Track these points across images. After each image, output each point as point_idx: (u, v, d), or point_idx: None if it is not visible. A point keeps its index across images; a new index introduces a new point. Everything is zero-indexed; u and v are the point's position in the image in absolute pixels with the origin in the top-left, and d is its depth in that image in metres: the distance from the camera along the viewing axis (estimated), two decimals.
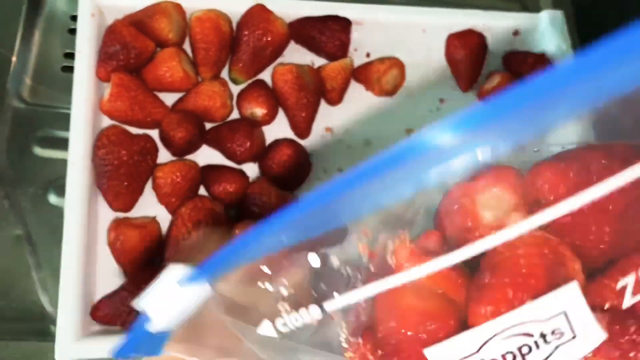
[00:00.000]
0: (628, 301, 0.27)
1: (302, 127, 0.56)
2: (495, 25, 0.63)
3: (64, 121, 0.53)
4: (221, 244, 0.26)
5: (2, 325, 0.51)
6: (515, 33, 0.64)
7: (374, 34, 0.60)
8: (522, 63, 0.61)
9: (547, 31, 0.63)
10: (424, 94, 0.62)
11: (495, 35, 0.63)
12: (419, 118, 0.60)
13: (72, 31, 0.60)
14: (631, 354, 0.27)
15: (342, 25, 0.57)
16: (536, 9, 0.68)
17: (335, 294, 0.28)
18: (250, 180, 0.53)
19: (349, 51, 0.60)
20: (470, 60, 0.60)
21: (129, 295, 0.45)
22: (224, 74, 0.57)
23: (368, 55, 0.61)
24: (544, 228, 0.28)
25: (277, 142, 0.54)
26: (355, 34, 0.60)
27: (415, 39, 0.62)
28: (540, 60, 0.61)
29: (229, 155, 0.53)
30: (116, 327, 0.47)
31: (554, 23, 0.63)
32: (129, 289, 0.46)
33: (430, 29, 0.62)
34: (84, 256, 0.47)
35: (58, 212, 0.53)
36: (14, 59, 0.58)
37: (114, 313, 0.46)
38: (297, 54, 0.59)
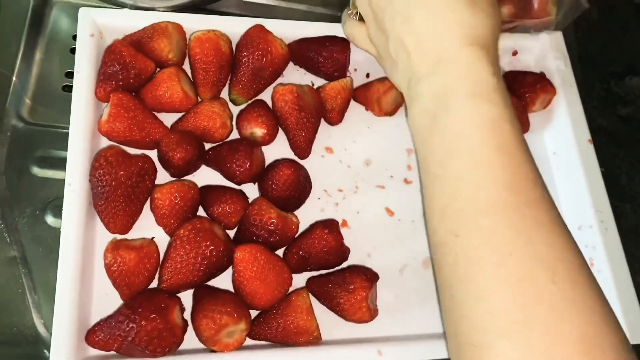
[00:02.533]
0: None
1: (302, 147, 0.55)
2: None
3: (63, 141, 0.53)
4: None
5: None
6: (515, 53, 0.64)
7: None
8: (521, 83, 0.61)
9: (546, 51, 0.63)
10: None
11: None
12: None
13: (74, 50, 0.59)
14: None
15: (341, 46, 0.57)
16: None
17: None
18: (250, 201, 0.53)
19: (348, 72, 0.60)
20: None
21: (125, 320, 0.44)
22: (224, 94, 0.57)
23: (368, 75, 0.61)
24: None
25: (277, 163, 0.53)
26: (355, 55, 0.60)
27: None
28: (540, 80, 0.61)
29: (228, 176, 0.53)
30: (111, 352, 0.45)
31: (553, 43, 0.63)
32: (125, 313, 0.45)
33: None
34: (79, 279, 0.46)
35: (55, 233, 0.53)
36: (14, 78, 0.58)
37: (109, 338, 0.45)
38: (296, 74, 0.60)
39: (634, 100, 0.70)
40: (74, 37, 0.60)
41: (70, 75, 0.59)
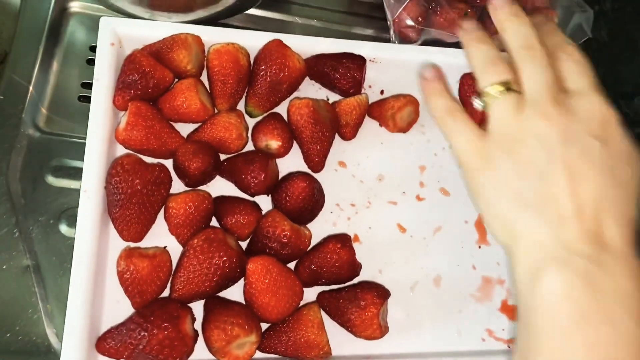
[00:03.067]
0: None
1: (316, 160, 0.55)
2: None
3: (78, 151, 0.54)
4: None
5: (7, 358, 0.49)
6: None
7: (389, 71, 0.61)
8: None
9: None
10: (437, 131, 0.62)
11: None
12: (432, 155, 0.60)
13: (90, 62, 0.61)
14: None
15: (357, 63, 0.58)
16: None
17: None
18: (263, 212, 0.53)
19: (363, 88, 0.60)
20: None
21: (137, 328, 0.44)
22: (240, 106, 0.57)
23: (382, 92, 0.61)
24: None
25: (291, 175, 0.53)
26: (370, 72, 0.60)
27: None
28: None
29: (242, 187, 0.53)
30: None
31: None
32: (137, 321, 0.44)
33: (444, 68, 0.62)
34: (92, 284, 0.46)
35: (68, 243, 0.53)
36: (31, 88, 0.58)
37: (120, 346, 0.44)
38: (311, 89, 0.60)
39: None
40: (91, 49, 0.61)
41: (86, 85, 0.60)
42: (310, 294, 0.52)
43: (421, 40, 0.64)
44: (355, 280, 0.53)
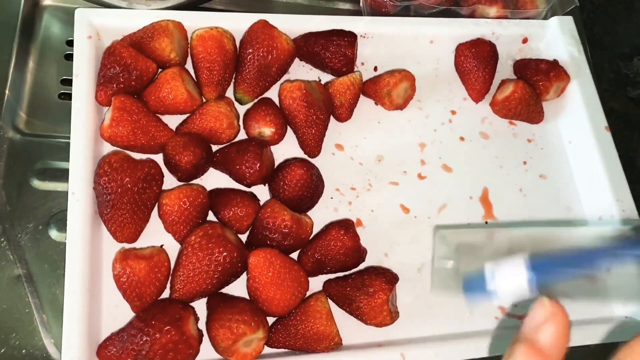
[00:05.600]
0: None
1: (312, 145, 0.53)
2: (504, 33, 0.61)
3: (63, 151, 0.52)
4: None
5: None
6: (525, 40, 0.63)
7: (381, 47, 0.59)
8: (534, 71, 0.59)
9: (556, 37, 0.62)
10: (435, 106, 0.60)
11: (504, 44, 0.62)
12: (431, 131, 0.58)
13: (68, 57, 0.58)
14: None
15: (348, 39, 0.55)
16: None
17: None
18: (261, 203, 0.51)
19: (355, 66, 0.58)
20: (481, 70, 0.58)
21: (138, 333, 0.42)
22: (229, 93, 0.55)
23: (376, 69, 0.59)
24: None
25: (287, 162, 0.51)
26: (361, 48, 0.58)
27: (423, 50, 0.61)
28: (554, 67, 0.59)
29: (237, 178, 0.51)
30: None
31: (563, 29, 0.62)
32: (138, 326, 0.42)
33: (438, 39, 0.61)
34: (88, 291, 0.44)
35: (60, 248, 0.51)
36: (7, 91, 0.55)
37: (122, 352, 0.43)
38: (302, 71, 0.58)
39: None
40: (68, 43, 0.59)
41: (66, 82, 0.57)
42: (316, 283, 0.50)
43: (397, 10, 0.61)
44: (362, 266, 0.51)
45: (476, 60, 0.58)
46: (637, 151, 0.64)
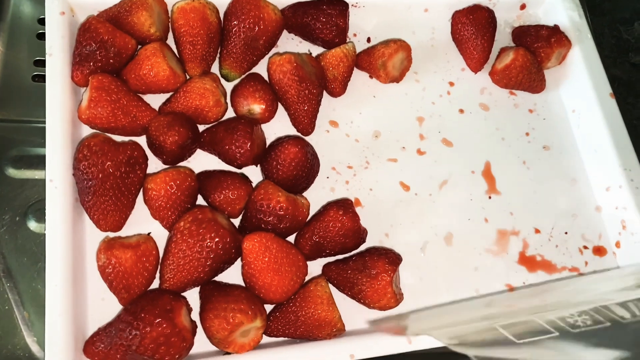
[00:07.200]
0: None
1: (305, 122, 0.51)
2: None
3: (39, 136, 0.50)
4: None
5: None
6: (523, 7, 0.60)
7: (374, 16, 0.56)
8: (534, 37, 0.57)
9: (556, 2, 0.59)
10: (432, 77, 0.57)
11: (502, 10, 0.59)
12: (429, 104, 0.56)
13: (41, 36, 0.55)
14: None
15: (339, 8, 0.53)
16: None
17: None
18: (253, 185, 0.48)
19: (347, 37, 0.55)
20: (479, 38, 0.56)
21: (127, 327, 0.39)
22: (214, 70, 0.52)
23: (369, 40, 0.56)
24: None
25: (280, 141, 0.49)
26: (353, 18, 0.55)
27: (418, 19, 0.59)
28: (555, 33, 0.57)
29: (227, 159, 0.48)
30: None
31: None
32: (126, 320, 0.40)
33: (433, 7, 0.58)
34: (71, 285, 0.42)
35: (39, 240, 0.49)
36: None
37: (110, 348, 0.40)
38: (291, 44, 0.55)
39: None
40: (40, 21, 0.56)
41: (39, 63, 0.55)
42: (315, 267, 0.48)
43: None
44: (362, 248, 0.49)
45: (474, 28, 0.56)
46: None
